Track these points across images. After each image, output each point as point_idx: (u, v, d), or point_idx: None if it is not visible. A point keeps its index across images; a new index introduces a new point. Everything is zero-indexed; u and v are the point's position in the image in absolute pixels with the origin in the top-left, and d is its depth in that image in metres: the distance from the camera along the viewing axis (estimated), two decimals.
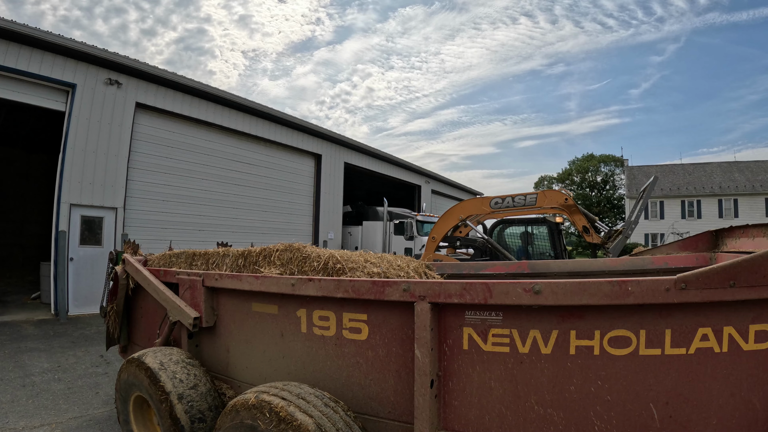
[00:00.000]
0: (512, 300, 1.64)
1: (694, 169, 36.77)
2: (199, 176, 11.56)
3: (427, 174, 23.17)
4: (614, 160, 48.42)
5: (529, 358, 1.68)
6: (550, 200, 6.59)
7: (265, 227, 13.38)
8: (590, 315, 1.64)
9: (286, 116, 13.95)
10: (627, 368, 1.64)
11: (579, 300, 1.60)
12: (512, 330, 1.68)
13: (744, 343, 1.64)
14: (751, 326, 1.63)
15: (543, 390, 1.69)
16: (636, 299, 1.58)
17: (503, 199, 6.70)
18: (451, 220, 6.98)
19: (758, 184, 33.08)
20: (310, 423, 1.75)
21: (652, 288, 1.57)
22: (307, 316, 1.96)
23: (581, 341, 1.65)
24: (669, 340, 1.62)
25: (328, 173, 16.03)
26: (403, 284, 1.76)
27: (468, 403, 1.76)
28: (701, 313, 1.62)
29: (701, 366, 1.64)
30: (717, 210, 33.80)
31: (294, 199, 14.68)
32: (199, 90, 11.20)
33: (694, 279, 1.57)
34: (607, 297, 1.59)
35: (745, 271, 1.57)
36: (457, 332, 1.74)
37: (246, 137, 13.00)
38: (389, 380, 1.85)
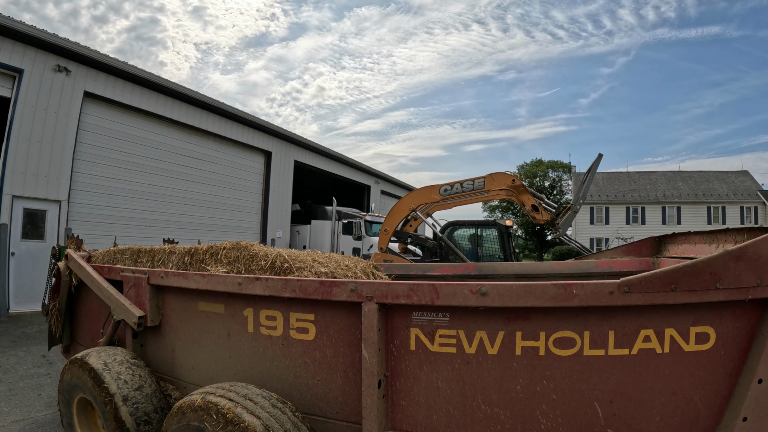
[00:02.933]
0: (459, 301, 1.83)
1: (640, 177, 41.24)
2: (147, 170, 11.78)
3: (377, 174, 24.85)
4: (562, 167, 54.49)
5: (475, 359, 1.88)
6: (498, 182, 7.24)
7: (213, 224, 13.88)
8: (536, 316, 1.84)
9: (238, 112, 14.38)
10: (572, 368, 1.86)
11: (525, 302, 1.80)
12: (459, 331, 1.87)
13: (685, 345, 1.87)
14: (691, 328, 1.86)
15: (490, 389, 1.90)
16: (580, 302, 1.78)
17: (452, 185, 7.30)
18: (402, 210, 7.55)
19: (701, 193, 37.82)
20: (257, 424, 1.93)
21: (596, 291, 1.78)
22: (254, 316, 2.13)
23: (527, 342, 1.85)
24: (612, 341, 1.84)
25: (278, 171, 16.85)
26: (350, 284, 1.94)
27: (416, 403, 1.96)
28: (644, 316, 1.83)
29: (644, 366, 1.86)
30: (660, 217, 38.05)
31: (243, 196, 15.32)
32: (149, 81, 11.31)
33: (637, 283, 1.77)
34: (552, 299, 1.79)
35: (686, 276, 1.79)
36: (404, 333, 1.92)
37: (196, 132, 13.34)
38: (337, 381, 2.04)
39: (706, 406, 1.91)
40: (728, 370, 1.91)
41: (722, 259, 1.79)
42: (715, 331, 1.86)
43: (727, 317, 1.87)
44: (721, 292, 1.80)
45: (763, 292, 1.86)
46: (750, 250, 1.83)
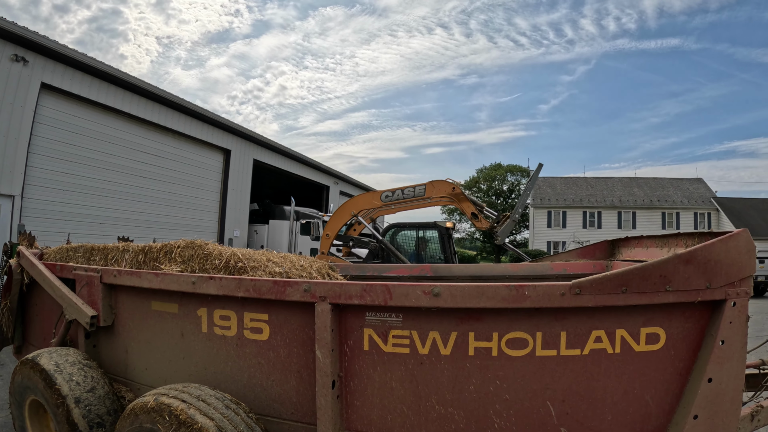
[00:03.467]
0: (412, 302, 1.86)
1: (596, 183, 43.33)
2: (104, 166, 11.68)
3: (336, 175, 25.41)
4: (520, 171, 56.30)
5: (428, 359, 1.92)
6: (439, 190, 7.61)
7: (170, 223, 13.87)
8: (488, 317, 1.88)
9: (198, 108, 14.39)
10: (524, 368, 1.91)
11: (477, 303, 1.84)
12: (412, 331, 1.91)
13: (636, 345, 1.93)
14: (642, 329, 1.93)
15: (443, 390, 1.94)
16: (532, 303, 1.83)
17: (393, 192, 7.62)
18: (343, 215, 7.77)
19: (656, 199, 40.07)
20: (210, 426, 1.94)
21: (548, 293, 1.82)
22: (207, 316, 2.13)
23: (480, 342, 1.89)
24: (564, 342, 1.90)
25: (237, 169, 16.96)
26: (304, 284, 1.95)
27: (370, 403, 1.99)
28: (595, 317, 1.89)
29: (595, 366, 1.92)
30: (617, 221, 40.07)
31: (200, 194, 15.36)
32: (109, 74, 11.20)
33: (588, 285, 1.83)
34: (504, 300, 1.83)
35: (636, 279, 1.85)
36: (357, 333, 1.95)
37: (154, 127, 13.28)
38: (291, 381, 2.06)
39: (658, 405, 1.99)
40: (678, 370, 1.98)
41: (672, 263, 1.86)
42: (666, 331, 1.93)
43: (677, 318, 1.94)
44: (670, 294, 1.87)
45: (712, 295, 1.94)
46: (699, 254, 1.90)
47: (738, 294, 1.95)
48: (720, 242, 1.92)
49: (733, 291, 1.94)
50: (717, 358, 1.94)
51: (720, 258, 1.92)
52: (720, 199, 40.02)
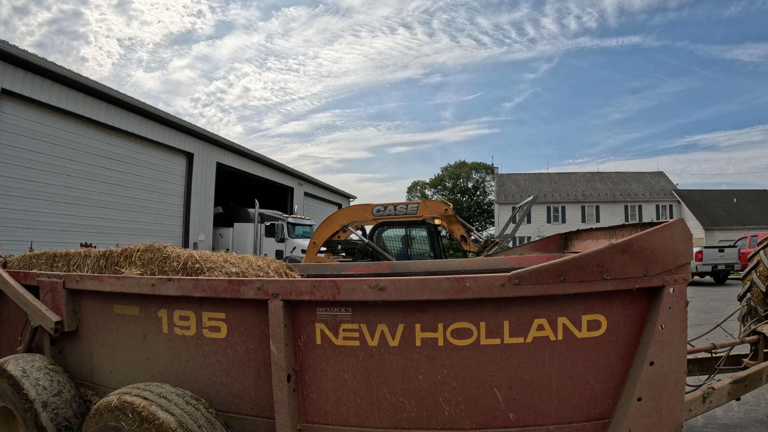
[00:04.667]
0: (359, 296, 2.05)
1: (560, 178, 45.94)
2: (66, 172, 11.99)
3: (301, 176, 26.30)
4: (485, 168, 59.78)
5: (378, 351, 2.12)
6: (431, 210, 8.11)
7: (134, 228, 14.29)
8: (433, 309, 2.08)
9: (160, 112, 14.82)
10: (470, 357, 2.11)
11: (421, 295, 2.03)
12: (361, 325, 2.10)
13: (578, 332, 2.14)
14: (583, 317, 2.13)
15: (394, 380, 2.13)
16: (474, 294, 2.02)
17: (385, 207, 8.09)
18: (333, 225, 8.18)
19: (618, 193, 42.59)
20: (172, 421, 2.13)
21: (488, 284, 2.02)
22: (168, 317, 2.32)
23: (426, 333, 2.09)
24: (507, 331, 2.10)
25: (200, 173, 17.56)
26: (257, 283, 2.14)
27: (325, 395, 2.19)
28: (536, 306, 2.09)
29: (539, 353, 2.12)
30: (580, 215, 42.27)
31: (164, 199, 15.87)
32: (69, 79, 11.49)
33: (527, 275, 2.03)
34: (446, 292, 2.02)
35: (573, 269, 2.05)
36: (310, 328, 2.14)
37: (116, 132, 13.66)
38: (249, 377, 2.25)
39: (603, 389, 2.19)
40: (621, 355, 2.18)
41: (608, 252, 2.06)
42: (606, 318, 2.13)
43: (617, 305, 2.14)
44: (608, 282, 2.07)
45: (650, 282, 2.14)
46: (635, 244, 2.10)
47: (676, 281, 2.15)
48: (656, 232, 2.12)
49: (671, 278, 2.14)
50: (657, 343, 2.14)
51: (656, 247, 2.11)
52: (681, 191, 42.40)
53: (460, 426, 2.09)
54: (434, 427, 2.09)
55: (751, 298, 4.85)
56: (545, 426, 2.11)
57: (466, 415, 2.08)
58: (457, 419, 2.08)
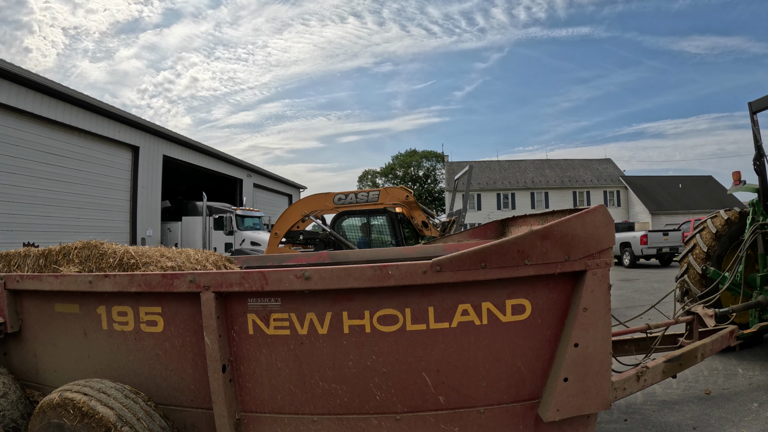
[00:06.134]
0: (286, 286, 2.26)
1: (510, 166, 48.57)
2: (7, 170, 12.06)
3: (249, 167, 26.81)
4: (435, 156, 62.37)
5: (308, 339, 2.33)
6: (392, 197, 8.57)
7: (79, 226, 14.42)
8: (359, 297, 2.29)
9: (103, 104, 14.94)
10: (397, 343, 2.33)
11: (345, 284, 2.24)
12: (291, 314, 2.31)
13: (502, 316, 2.36)
14: (507, 301, 2.35)
15: (325, 367, 2.36)
16: (397, 281, 2.24)
17: (346, 195, 8.49)
18: (293, 216, 8.54)
19: (567, 180, 45.24)
20: (111, 415, 2.35)
21: (411, 271, 2.24)
22: (106, 313, 2.53)
23: (353, 321, 2.31)
24: (432, 316, 2.32)
25: (146, 166, 17.72)
26: (189, 276, 2.35)
27: (260, 384, 2.41)
28: (460, 291, 2.31)
29: (465, 337, 2.35)
30: (530, 202, 44.68)
31: (110, 194, 16.06)
32: (10, 72, 11.60)
33: (448, 262, 2.24)
34: (370, 280, 2.24)
35: (494, 255, 2.27)
36: (242, 318, 2.36)
37: (59, 127, 13.79)
38: (188, 369, 2.47)
39: (530, 371, 2.42)
40: (547, 337, 2.41)
41: (529, 238, 2.28)
42: (531, 302, 2.35)
43: (540, 290, 2.36)
44: (530, 267, 2.28)
45: (572, 266, 2.36)
46: (556, 229, 2.32)
47: (598, 265, 2.38)
48: (576, 218, 2.34)
49: (593, 262, 2.37)
50: (581, 325, 2.36)
51: (577, 232, 2.33)
52: (628, 177, 44.99)
53: (392, 410, 2.31)
54: (367, 412, 2.31)
55: (686, 280, 5.13)
56: (475, 408, 2.34)
57: (397, 399, 2.30)
58: (388, 403, 2.30)
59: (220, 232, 18.31)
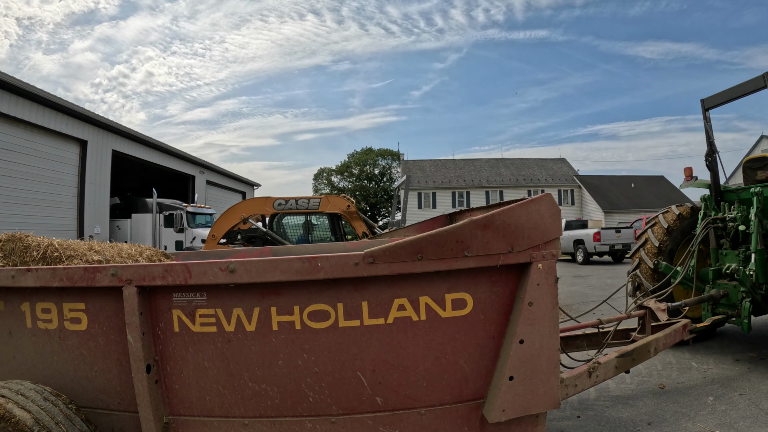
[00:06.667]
0: (210, 280, 1.84)
1: (465, 164, 45.04)
2: None
3: (202, 164, 24.25)
4: (391, 154, 57.35)
5: (236, 336, 1.90)
6: (333, 206, 7.69)
7: (24, 223, 12.83)
8: (287, 291, 1.86)
9: (50, 96, 13.44)
10: (330, 340, 1.89)
11: (272, 277, 1.82)
12: (217, 309, 1.89)
13: (442, 311, 1.92)
14: (447, 295, 1.91)
15: (254, 366, 1.91)
16: (326, 274, 1.81)
17: (287, 201, 7.65)
18: (233, 218, 7.70)
19: (522, 179, 42.30)
20: (28, 418, 1.90)
21: (342, 263, 1.81)
22: (31, 310, 2.08)
23: (282, 317, 1.87)
24: (366, 312, 1.88)
25: (95, 161, 15.78)
26: (111, 269, 1.92)
27: (188, 385, 1.96)
28: (396, 285, 1.88)
29: (402, 334, 1.91)
30: (485, 200, 42.07)
31: (57, 190, 14.30)
32: None
33: (382, 254, 1.81)
34: (298, 273, 1.81)
35: (431, 246, 1.83)
36: (167, 315, 1.92)
37: (3, 119, 12.35)
38: (113, 370, 2.02)
39: (473, 369, 1.97)
40: (491, 333, 1.97)
41: (468, 228, 1.85)
42: (472, 297, 1.92)
43: (483, 283, 1.93)
44: (470, 259, 1.86)
45: (516, 258, 1.93)
46: (497, 219, 1.89)
47: (544, 256, 1.95)
48: (520, 207, 1.91)
49: (538, 254, 1.94)
50: (527, 320, 1.93)
51: (521, 222, 1.91)
52: (582, 176, 42.75)
53: (327, 412, 1.87)
54: (300, 414, 1.87)
55: (638, 274, 4.65)
56: (415, 409, 1.90)
57: (331, 401, 1.87)
58: (322, 405, 1.87)
59: (170, 230, 16.30)
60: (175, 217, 16.00)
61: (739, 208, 4.51)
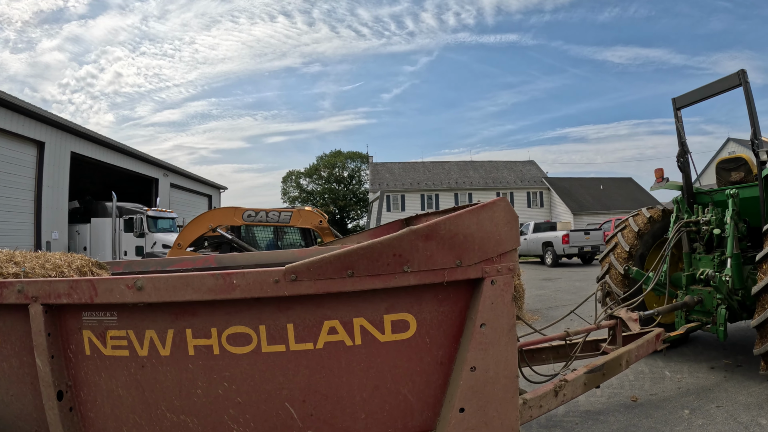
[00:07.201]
0: (116, 298, 1.43)
1: (434, 167, 41.23)
2: None
3: (166, 166, 21.62)
4: (360, 157, 52.28)
5: (149, 361, 1.47)
6: (305, 220, 6.86)
7: None
8: (203, 311, 1.44)
9: (4, 95, 11.85)
10: (252, 367, 1.45)
11: (183, 295, 1.40)
12: (128, 331, 1.48)
13: (380, 335, 1.47)
14: (385, 316, 1.46)
15: (171, 395, 1.48)
16: (243, 293, 1.38)
17: (257, 212, 6.80)
18: (200, 227, 6.91)
19: (491, 181, 38.36)
20: None
21: (260, 280, 1.38)
22: None
23: (198, 340, 1.45)
24: (293, 335, 1.44)
25: (53, 164, 13.68)
26: (18, 285, 1.53)
27: (103, 414, 1.55)
28: (325, 305, 1.44)
29: (334, 360, 1.46)
30: (453, 202, 38.98)
31: (13, 194, 12.47)
32: None
33: (305, 269, 1.38)
34: (212, 291, 1.39)
35: (363, 260, 1.39)
36: (77, 336, 1.52)
37: None
38: (27, 395, 1.63)
39: (419, 399, 1.50)
40: (438, 359, 1.50)
41: (407, 239, 1.39)
42: (416, 318, 1.46)
43: (428, 302, 1.47)
44: (411, 275, 1.40)
45: (465, 273, 1.47)
46: (442, 228, 1.42)
47: (498, 271, 1.48)
48: (469, 213, 1.45)
49: (492, 268, 1.47)
50: (479, 344, 1.46)
51: (470, 231, 1.44)
52: (551, 179, 39.68)
53: None
54: None
55: (608, 281, 3.98)
56: None
57: None
58: None
59: (130, 235, 14.24)
60: (135, 222, 14.01)
61: (713, 211, 3.90)
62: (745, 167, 3.99)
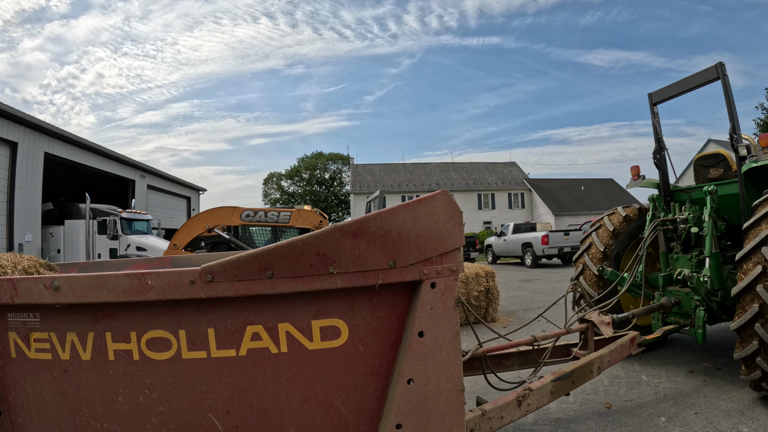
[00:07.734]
0: (35, 298, 1.20)
1: (415, 168, 38.01)
2: None
3: (143, 168, 19.49)
4: (341, 159, 48.09)
5: (71, 366, 1.24)
6: (305, 221, 6.05)
7: None
8: (123, 314, 1.20)
9: None
10: (173, 374, 1.19)
11: (99, 296, 1.16)
12: (51, 333, 1.25)
13: (308, 342, 1.17)
14: (314, 322, 1.17)
15: (93, 402, 1.24)
16: (158, 294, 1.13)
17: (255, 212, 6.00)
18: (197, 228, 6.11)
19: (472, 182, 35.25)
20: None
21: (175, 281, 1.13)
22: None
23: (118, 344, 1.20)
24: (214, 341, 1.17)
25: (25, 165, 12.17)
26: None
27: (30, 420, 1.32)
28: (247, 309, 1.17)
29: (259, 369, 1.18)
30: None
31: None
32: None
33: (222, 270, 1.12)
34: (127, 293, 1.14)
35: (282, 260, 1.12)
36: (4, 338, 1.31)
37: None
38: None
39: (354, 413, 1.19)
40: (374, 369, 1.20)
41: (332, 237, 1.11)
42: (347, 324, 1.17)
43: (361, 307, 1.18)
44: (338, 277, 1.11)
45: (400, 276, 1.16)
46: (372, 225, 1.13)
47: (439, 273, 1.18)
48: (404, 209, 1.15)
49: (432, 269, 1.17)
50: (416, 355, 1.15)
51: (405, 228, 1.14)
52: (532, 180, 36.17)
53: None
54: None
55: (581, 283, 3.41)
56: None
57: None
58: None
59: (104, 237, 12.63)
60: (108, 224, 12.33)
61: (690, 209, 3.32)
62: (724, 164, 3.43)
